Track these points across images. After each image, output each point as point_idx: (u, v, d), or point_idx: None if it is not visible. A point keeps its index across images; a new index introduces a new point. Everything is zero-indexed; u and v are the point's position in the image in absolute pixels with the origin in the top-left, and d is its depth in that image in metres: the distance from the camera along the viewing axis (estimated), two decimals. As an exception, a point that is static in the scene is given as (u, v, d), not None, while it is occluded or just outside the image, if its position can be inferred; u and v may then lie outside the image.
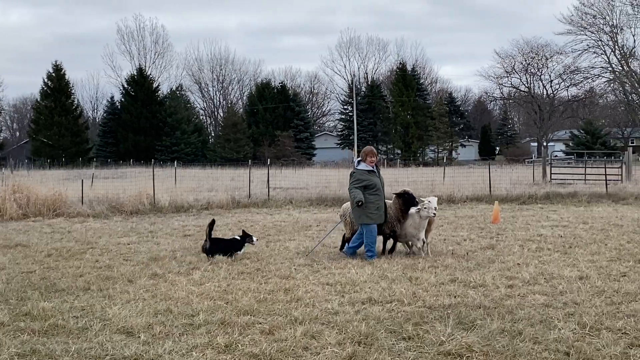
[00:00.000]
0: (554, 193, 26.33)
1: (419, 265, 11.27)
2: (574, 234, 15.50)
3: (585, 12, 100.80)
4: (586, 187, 28.40)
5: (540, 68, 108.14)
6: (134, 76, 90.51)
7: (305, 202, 25.30)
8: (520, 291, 9.18)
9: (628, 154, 35.96)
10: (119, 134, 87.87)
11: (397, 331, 7.28)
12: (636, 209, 21.91)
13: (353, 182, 12.45)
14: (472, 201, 25.51)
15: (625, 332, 7.14)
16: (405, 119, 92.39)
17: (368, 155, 12.60)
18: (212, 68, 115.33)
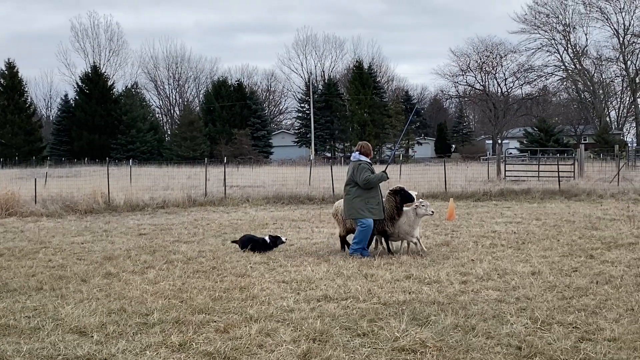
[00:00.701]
0: (508, 190, 26.64)
1: (374, 263, 11.32)
2: (527, 230, 15.72)
3: (539, 11, 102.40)
4: (539, 184, 28.79)
5: (495, 66, 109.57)
6: (89, 74, 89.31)
7: (262, 200, 25.26)
8: (474, 287, 9.28)
9: (580, 151, 36.54)
10: (73, 132, 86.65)
11: (352, 328, 7.31)
12: (588, 205, 22.28)
13: (364, 171, 12.02)
14: (428, 198, 25.57)
15: (576, 326, 7.25)
16: (362, 117, 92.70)
17: (371, 151, 12.57)
18: (168, 66, 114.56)
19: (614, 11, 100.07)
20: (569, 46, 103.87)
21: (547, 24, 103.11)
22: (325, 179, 29.16)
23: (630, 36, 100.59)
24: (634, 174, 37.11)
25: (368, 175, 11.99)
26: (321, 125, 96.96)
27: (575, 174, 32.83)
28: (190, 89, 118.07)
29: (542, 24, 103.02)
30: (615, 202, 23.17)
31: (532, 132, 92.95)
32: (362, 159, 12.32)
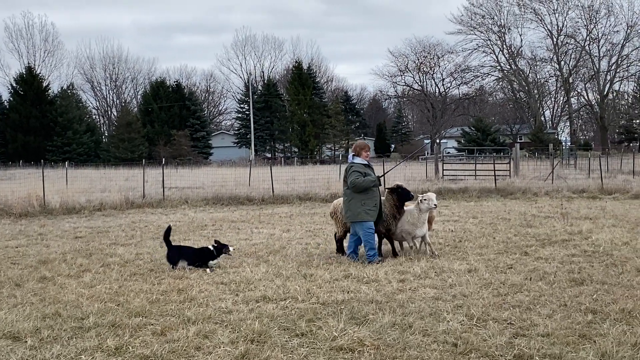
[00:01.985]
0: (446, 189, 26.98)
1: (313, 263, 11.34)
2: (464, 228, 15.93)
3: (475, 12, 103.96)
4: (476, 183, 29.22)
5: (433, 67, 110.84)
6: (23, 75, 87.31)
7: (201, 201, 25.09)
8: (412, 285, 9.36)
9: (516, 150, 37.20)
10: (7, 134, 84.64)
11: (291, 328, 7.31)
12: (523, 203, 22.69)
13: (353, 174, 11.70)
14: (367, 198, 25.80)
15: (511, 322, 7.37)
16: (302, 118, 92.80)
17: (363, 149, 12.11)
18: (105, 66, 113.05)
19: (547, 12, 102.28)
20: (505, 47, 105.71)
21: (483, 25, 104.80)
22: (265, 179, 29.10)
23: (564, 37, 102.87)
24: (567, 172, 37.96)
25: (355, 179, 11.64)
26: (261, 125, 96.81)
27: (511, 173, 33.41)
28: (128, 89, 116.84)
29: (478, 25, 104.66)
30: (549, 200, 23.65)
31: (469, 131, 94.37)
32: (355, 161, 11.99)
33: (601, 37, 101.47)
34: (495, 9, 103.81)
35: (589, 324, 7.20)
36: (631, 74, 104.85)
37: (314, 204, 24.48)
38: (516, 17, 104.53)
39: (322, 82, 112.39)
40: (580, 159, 50.27)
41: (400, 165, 26.23)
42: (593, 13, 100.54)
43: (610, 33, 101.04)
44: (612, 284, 9.12)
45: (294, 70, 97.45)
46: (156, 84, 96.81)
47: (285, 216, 20.04)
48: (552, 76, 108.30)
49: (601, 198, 24.39)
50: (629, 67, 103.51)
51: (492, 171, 29.84)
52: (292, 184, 29.52)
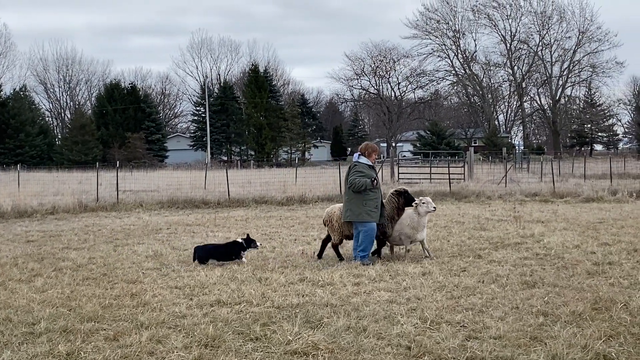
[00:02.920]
0: (402, 192, 27.06)
1: (269, 266, 11.31)
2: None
3: (430, 17, 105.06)
4: (431, 186, 29.46)
5: (389, 71, 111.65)
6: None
7: (156, 205, 24.89)
8: (367, 288, 9.39)
9: (470, 153, 37.60)
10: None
11: (245, 332, 7.28)
12: (477, 207, 22.93)
13: (356, 173, 11.67)
14: (324, 201, 25.88)
15: (464, 325, 7.44)
16: (258, 121, 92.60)
17: (374, 152, 12.08)
18: (58, 68, 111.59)
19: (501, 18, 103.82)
20: (459, 51, 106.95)
21: (438, 30, 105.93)
22: (221, 182, 28.98)
23: (517, 42, 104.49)
24: (520, 175, 38.44)
25: (354, 178, 11.61)
26: (217, 128, 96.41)
27: (465, 176, 33.75)
28: (82, 91, 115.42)
29: (433, 29, 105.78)
30: (502, 203, 23.93)
31: (424, 135, 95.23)
32: (360, 160, 11.91)
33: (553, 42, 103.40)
34: (449, 14, 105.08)
35: (540, 326, 7.29)
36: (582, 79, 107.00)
37: (270, 207, 24.45)
38: (470, 23, 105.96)
39: (279, 85, 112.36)
40: (532, 162, 50.93)
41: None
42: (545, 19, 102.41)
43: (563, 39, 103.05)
44: (563, 286, 9.25)
45: (251, 73, 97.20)
46: (111, 86, 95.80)
47: (241, 219, 19.98)
48: (506, 81, 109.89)
49: (553, 201, 24.76)
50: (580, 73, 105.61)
51: (447, 174, 30.10)
52: (248, 187, 29.47)
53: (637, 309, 7.84)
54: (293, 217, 20.60)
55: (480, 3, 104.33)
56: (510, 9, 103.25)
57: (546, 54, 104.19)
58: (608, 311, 7.76)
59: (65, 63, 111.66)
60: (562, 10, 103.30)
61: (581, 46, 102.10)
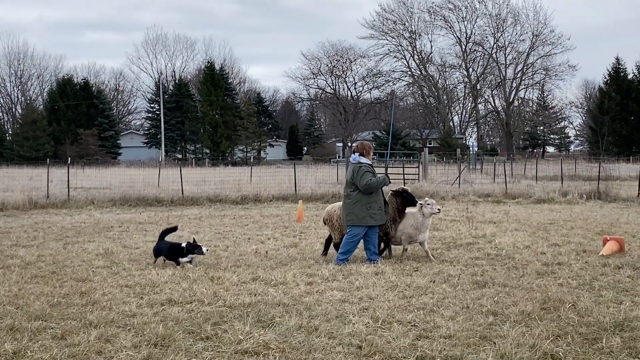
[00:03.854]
0: (356, 192, 27.14)
1: (221, 265, 11.24)
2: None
3: (387, 17, 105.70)
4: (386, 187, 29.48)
5: (345, 70, 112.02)
6: None
7: (108, 202, 24.62)
8: (319, 288, 9.38)
9: (425, 154, 37.85)
10: None
11: (196, 331, 7.21)
12: (431, 207, 23.04)
13: (366, 174, 11.35)
14: (278, 200, 25.87)
15: (415, 324, 7.46)
16: (214, 119, 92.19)
17: (371, 150, 11.91)
18: (9, 62, 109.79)
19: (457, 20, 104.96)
20: (415, 52, 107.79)
21: (395, 31, 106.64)
22: (175, 180, 28.78)
23: (472, 44, 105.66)
24: (474, 176, 38.84)
25: (369, 180, 11.32)
26: (172, 126, 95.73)
27: (420, 177, 33.97)
28: (34, 86, 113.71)
29: (390, 30, 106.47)
30: (456, 204, 24.15)
31: (380, 135, 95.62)
32: (362, 161, 11.65)
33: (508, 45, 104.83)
34: (406, 15, 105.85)
35: (489, 325, 7.36)
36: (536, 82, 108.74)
37: (225, 205, 24.33)
38: (427, 24, 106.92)
39: (235, 83, 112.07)
40: (486, 164, 51.50)
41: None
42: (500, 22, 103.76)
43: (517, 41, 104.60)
44: (513, 286, 9.35)
45: (206, 71, 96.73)
46: (63, 82, 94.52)
47: (195, 218, 19.85)
48: (461, 82, 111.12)
49: (505, 202, 25.05)
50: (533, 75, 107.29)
51: (402, 175, 30.25)
52: (202, 186, 29.28)
53: (584, 309, 7.95)
54: (247, 216, 20.53)
55: (436, 4, 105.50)
56: (466, 11, 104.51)
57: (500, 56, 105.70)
58: (556, 311, 7.86)
59: (16, 57, 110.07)
60: (516, 13, 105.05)
61: (535, 49, 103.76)
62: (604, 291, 9.00)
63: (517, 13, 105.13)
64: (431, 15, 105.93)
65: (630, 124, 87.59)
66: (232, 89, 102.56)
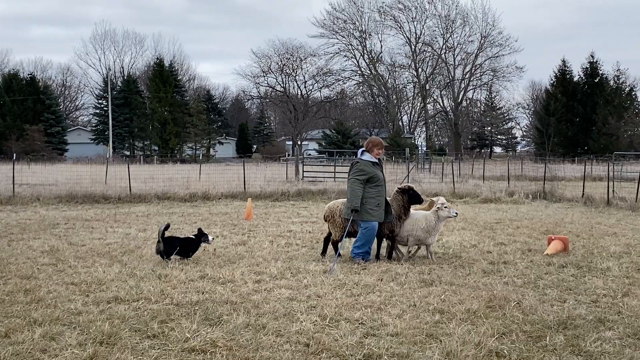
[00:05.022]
0: (305, 190, 27.25)
1: (169, 263, 11.15)
2: (322, 229, 16.06)
3: (337, 16, 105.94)
4: (335, 185, 29.64)
5: (295, 69, 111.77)
6: None
7: (54, 199, 24.24)
8: (267, 286, 9.37)
9: (374, 153, 37.94)
10: None
11: (142, 329, 7.15)
12: (380, 206, 23.18)
13: (355, 173, 11.33)
14: (227, 198, 25.77)
15: (362, 322, 7.51)
16: (163, 115, 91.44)
17: (376, 146, 11.64)
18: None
19: (406, 20, 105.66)
20: (365, 52, 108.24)
21: (345, 30, 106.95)
22: (122, 177, 28.45)
23: (421, 45, 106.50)
24: (422, 176, 39.14)
25: (353, 180, 11.34)
26: (120, 122, 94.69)
27: (369, 176, 34.03)
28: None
29: (340, 29, 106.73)
30: (404, 203, 24.26)
31: (330, 134, 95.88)
32: (363, 157, 11.55)
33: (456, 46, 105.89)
34: (356, 15, 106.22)
35: (436, 323, 7.44)
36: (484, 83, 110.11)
37: (173, 203, 24.14)
38: (377, 24, 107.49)
39: (184, 80, 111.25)
40: (434, 163, 52.01)
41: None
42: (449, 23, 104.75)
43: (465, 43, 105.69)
44: (460, 284, 9.47)
45: (155, 67, 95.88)
46: (9, 76, 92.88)
47: (142, 215, 19.66)
48: (410, 82, 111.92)
49: (453, 202, 25.26)
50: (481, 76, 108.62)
51: (351, 174, 30.31)
52: (150, 183, 29.01)
53: (529, 307, 8.09)
54: (196, 213, 20.41)
55: (387, 4, 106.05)
56: (416, 11, 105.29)
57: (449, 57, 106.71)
58: (501, 309, 7.98)
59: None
60: (465, 15, 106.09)
61: (483, 50, 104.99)
62: (548, 290, 9.18)
63: (466, 14, 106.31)
64: (381, 15, 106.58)
65: (576, 126, 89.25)
66: (182, 85, 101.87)
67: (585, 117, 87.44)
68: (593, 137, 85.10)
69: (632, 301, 8.43)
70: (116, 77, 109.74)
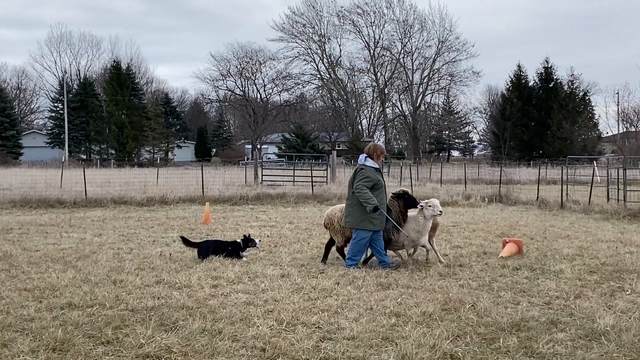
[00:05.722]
0: (265, 194, 27.20)
1: (125, 268, 11.05)
2: (280, 233, 16.12)
3: (296, 20, 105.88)
4: (294, 189, 29.63)
5: (255, 72, 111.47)
6: None
7: (8, 203, 23.88)
8: (224, 290, 9.33)
9: (333, 157, 38.08)
10: None
11: (96, 336, 7.08)
12: (338, 209, 23.23)
13: (362, 180, 11.09)
14: (185, 202, 25.60)
15: (319, 326, 7.52)
16: (120, 119, 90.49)
17: (381, 153, 11.57)
18: None
19: (365, 25, 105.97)
20: (325, 56, 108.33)
21: (304, 34, 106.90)
22: (78, 181, 28.10)
23: (380, 49, 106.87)
24: (381, 179, 39.21)
25: (363, 185, 11.07)
26: (76, 126, 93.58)
27: (328, 179, 34.15)
28: None
29: (299, 33, 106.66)
30: (363, 206, 24.35)
31: (289, 138, 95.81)
32: (367, 163, 11.34)
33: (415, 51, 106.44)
34: (315, 19, 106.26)
35: (392, 326, 7.47)
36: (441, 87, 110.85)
37: (130, 207, 23.91)
38: (336, 28, 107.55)
39: (142, 83, 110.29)
40: (393, 167, 52.26)
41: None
42: (407, 27, 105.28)
43: (423, 47, 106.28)
44: (416, 287, 9.53)
45: (112, 70, 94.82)
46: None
47: (98, 220, 19.43)
48: (369, 86, 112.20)
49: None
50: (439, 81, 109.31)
51: (310, 177, 30.38)
52: (107, 187, 28.72)
53: (483, 309, 8.17)
54: (153, 218, 20.24)
55: (345, 9, 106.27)
56: (374, 16, 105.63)
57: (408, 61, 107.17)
58: (456, 312, 8.05)
59: None
60: (423, 20, 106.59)
61: (440, 55, 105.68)
62: (502, 292, 9.28)
63: (423, 20, 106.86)
64: (340, 20, 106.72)
65: (531, 130, 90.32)
66: (139, 89, 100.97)
67: (540, 121, 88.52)
68: (548, 141, 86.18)
69: (584, 303, 8.56)
70: (72, 80, 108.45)
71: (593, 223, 18.93)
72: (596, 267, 11.27)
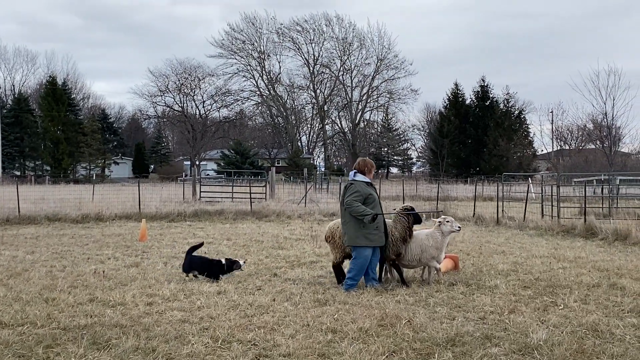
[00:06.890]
0: (202, 211, 26.99)
1: (57, 286, 10.82)
2: (218, 250, 16.00)
3: (236, 37, 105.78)
4: (233, 205, 29.51)
5: (194, 88, 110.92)
6: None
7: (-63, 221, 23.21)
8: (159, 308, 9.21)
9: (272, 173, 38.09)
10: None
11: (27, 355, 6.91)
12: (277, 226, 23.23)
13: (352, 195, 10.68)
14: (122, 219, 25.25)
15: (255, 343, 7.47)
16: (55, 135, 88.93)
17: (372, 167, 11.28)
18: None
19: (304, 42, 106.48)
20: (264, 72, 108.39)
21: (244, 50, 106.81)
22: (11, 198, 27.45)
23: (319, 66, 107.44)
24: (320, 196, 39.39)
25: (353, 199, 10.65)
26: (10, 142, 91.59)
27: (267, 196, 34.12)
28: None
29: (239, 49, 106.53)
30: (301, 223, 24.41)
31: (229, 154, 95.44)
32: (357, 178, 11.00)
33: (354, 68, 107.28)
34: (255, 35, 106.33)
35: (328, 343, 7.46)
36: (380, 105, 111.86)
37: (64, 224, 23.45)
38: (275, 45, 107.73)
39: (79, 99, 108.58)
40: (332, 183, 52.42)
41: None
42: (347, 45, 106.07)
43: (362, 65, 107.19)
44: (353, 303, 9.54)
45: (48, 86, 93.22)
46: None
47: (31, 237, 19.01)
48: (309, 103, 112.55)
49: (349, 221, 25.53)
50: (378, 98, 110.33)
51: (249, 194, 30.29)
52: (41, 204, 28.16)
53: (419, 325, 8.22)
54: (88, 235, 19.88)
55: (285, 26, 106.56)
56: (314, 33, 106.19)
57: (347, 78, 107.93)
58: (393, 327, 8.08)
59: None
60: (362, 38, 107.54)
61: (379, 73, 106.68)
62: (438, 307, 9.36)
63: (362, 37, 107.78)
64: (280, 37, 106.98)
65: (468, 147, 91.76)
66: (76, 104, 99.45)
67: (477, 138, 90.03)
68: (484, 159, 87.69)
69: (518, 317, 8.68)
70: (6, 95, 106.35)
71: (527, 239, 19.27)
72: (530, 282, 11.45)
